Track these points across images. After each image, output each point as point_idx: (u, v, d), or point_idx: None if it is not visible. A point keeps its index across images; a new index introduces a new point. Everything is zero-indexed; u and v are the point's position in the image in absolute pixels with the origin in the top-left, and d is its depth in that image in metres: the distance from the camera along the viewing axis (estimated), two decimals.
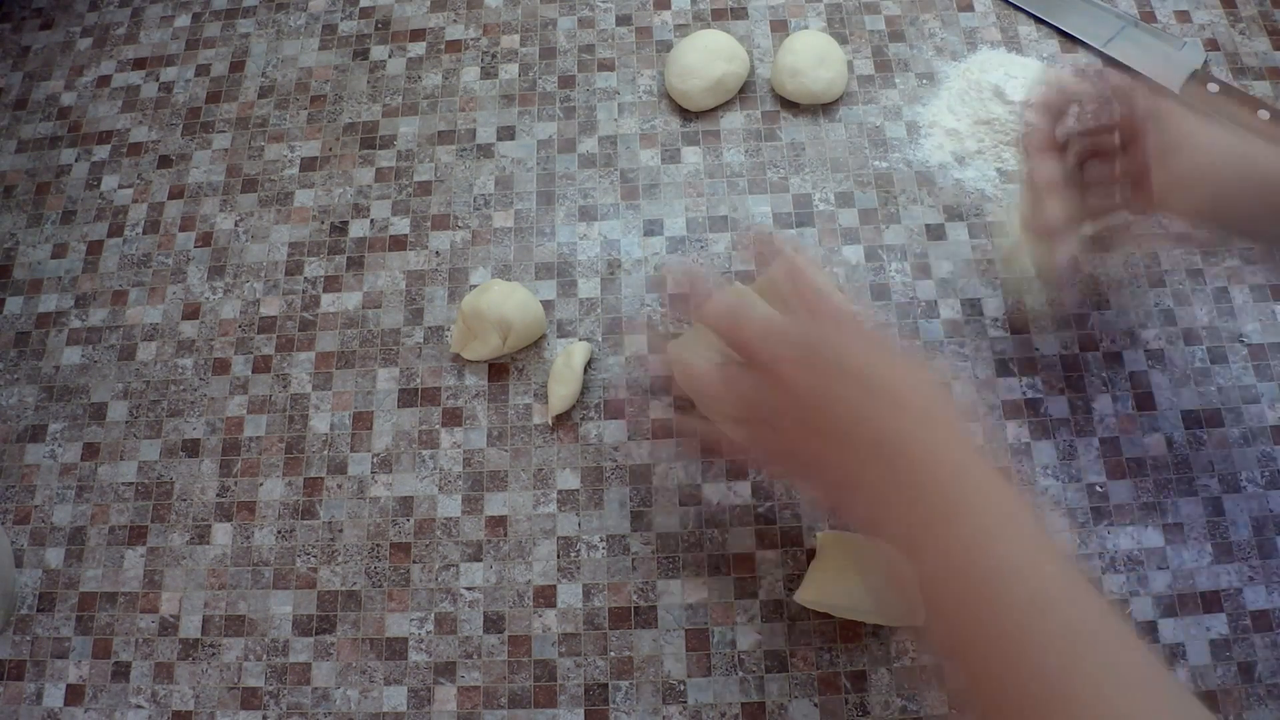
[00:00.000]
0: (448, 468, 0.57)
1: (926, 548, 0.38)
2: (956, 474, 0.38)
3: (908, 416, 0.40)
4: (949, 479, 0.38)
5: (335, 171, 0.66)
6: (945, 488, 0.38)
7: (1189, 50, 0.64)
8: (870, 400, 0.40)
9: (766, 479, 0.50)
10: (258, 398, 0.60)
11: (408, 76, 0.69)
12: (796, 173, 0.63)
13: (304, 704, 0.52)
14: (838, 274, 0.60)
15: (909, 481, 0.38)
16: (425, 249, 0.63)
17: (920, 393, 0.40)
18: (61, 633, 0.55)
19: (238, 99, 0.69)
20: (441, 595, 0.54)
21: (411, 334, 0.61)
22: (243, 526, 0.57)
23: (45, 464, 0.59)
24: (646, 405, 0.58)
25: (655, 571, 0.54)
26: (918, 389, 0.41)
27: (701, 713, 0.51)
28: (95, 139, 0.69)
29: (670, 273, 0.58)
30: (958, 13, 0.68)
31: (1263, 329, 0.57)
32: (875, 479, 0.40)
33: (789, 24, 0.68)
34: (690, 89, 0.64)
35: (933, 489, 0.38)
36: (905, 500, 0.39)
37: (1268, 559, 0.52)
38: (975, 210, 0.61)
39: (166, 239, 0.65)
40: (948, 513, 0.37)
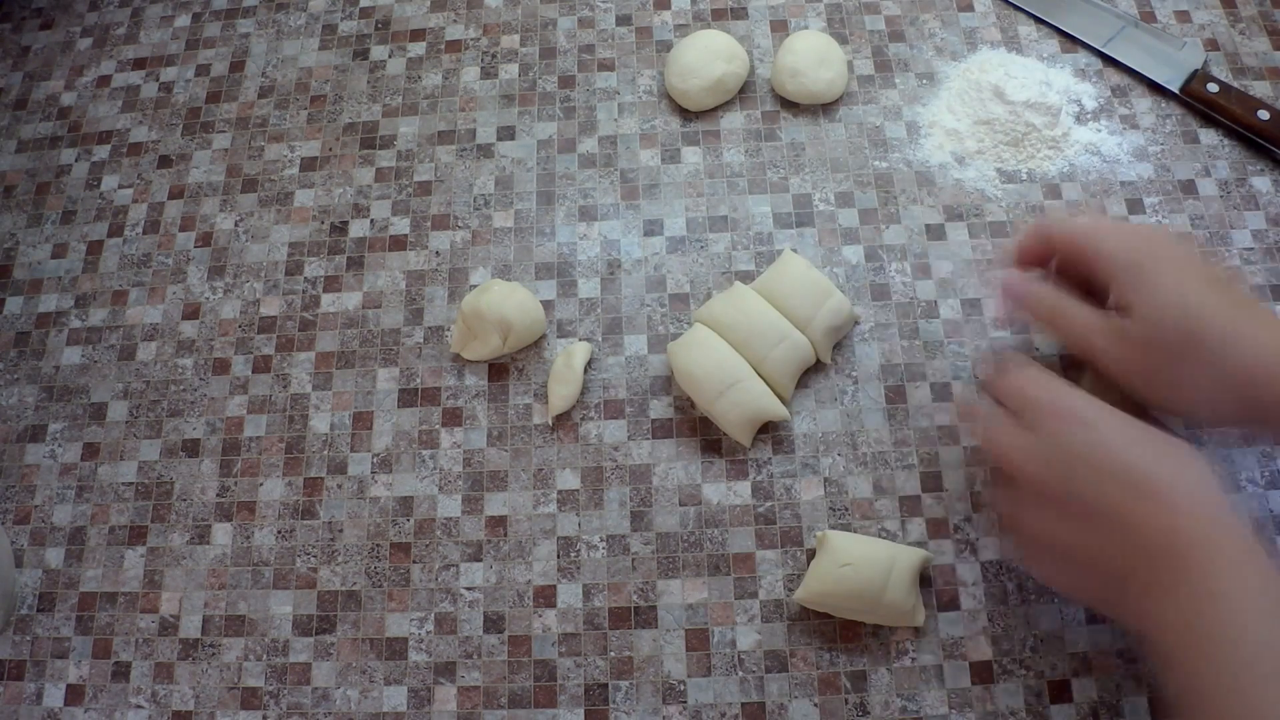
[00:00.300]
0: (448, 468, 0.57)
1: (1182, 637, 0.38)
2: (1226, 567, 0.38)
3: (1171, 512, 0.39)
4: (1216, 571, 0.38)
5: (335, 171, 0.66)
6: (1210, 581, 0.38)
7: (1189, 50, 0.64)
8: (1133, 498, 0.40)
9: (1021, 554, 0.49)
10: (258, 398, 0.60)
11: (408, 76, 0.69)
12: (796, 173, 0.63)
13: (304, 704, 0.53)
14: (838, 274, 0.60)
15: (1167, 572, 0.39)
16: (425, 249, 0.63)
17: (1184, 485, 0.40)
18: (61, 633, 0.55)
19: (238, 99, 0.69)
20: (441, 595, 0.54)
21: (411, 334, 0.61)
22: (243, 526, 0.57)
23: (45, 464, 0.59)
24: (646, 405, 0.58)
25: (655, 571, 0.54)
26: (1182, 481, 0.40)
27: (701, 713, 0.51)
28: (95, 139, 0.69)
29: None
30: (958, 13, 0.68)
31: None
32: (1143, 575, 0.40)
33: (789, 24, 0.68)
34: (690, 89, 0.64)
35: (1193, 579, 0.38)
36: (1172, 596, 0.38)
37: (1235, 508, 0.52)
38: (975, 210, 0.61)
39: (166, 239, 0.65)
40: (1205, 600, 0.37)
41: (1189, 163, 0.62)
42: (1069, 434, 0.43)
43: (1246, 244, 0.59)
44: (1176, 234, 0.59)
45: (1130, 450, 0.41)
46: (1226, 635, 0.36)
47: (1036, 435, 0.44)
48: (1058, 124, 0.62)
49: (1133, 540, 0.40)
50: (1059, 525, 0.43)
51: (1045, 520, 0.44)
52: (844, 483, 0.55)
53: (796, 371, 0.56)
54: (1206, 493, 0.40)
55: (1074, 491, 0.42)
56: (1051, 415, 0.44)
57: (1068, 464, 0.42)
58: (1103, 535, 0.41)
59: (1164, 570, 0.39)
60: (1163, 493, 0.40)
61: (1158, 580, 0.39)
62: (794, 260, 0.57)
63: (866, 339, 0.58)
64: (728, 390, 0.53)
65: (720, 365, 0.54)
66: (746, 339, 0.55)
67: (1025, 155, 0.62)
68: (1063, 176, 0.62)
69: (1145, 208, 0.60)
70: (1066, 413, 0.43)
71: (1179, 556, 0.38)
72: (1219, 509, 0.40)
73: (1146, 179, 0.61)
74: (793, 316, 0.55)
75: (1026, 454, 0.44)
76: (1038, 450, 0.44)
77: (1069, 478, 0.42)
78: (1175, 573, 0.38)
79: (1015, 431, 0.45)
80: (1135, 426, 0.43)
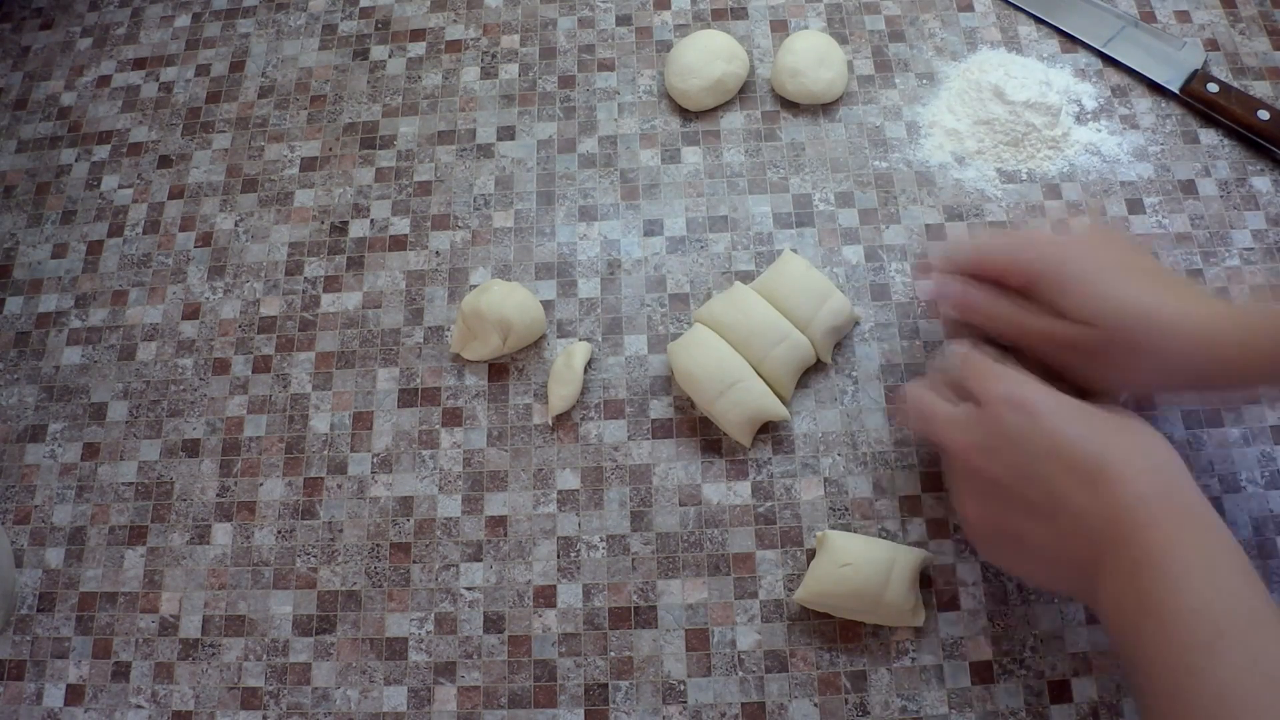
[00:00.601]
0: (448, 468, 0.57)
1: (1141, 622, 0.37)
2: (1166, 539, 0.38)
3: (1113, 493, 0.39)
4: (1156, 543, 0.38)
5: (335, 171, 0.66)
6: (1160, 563, 0.37)
7: (1189, 50, 0.64)
8: (1074, 482, 0.40)
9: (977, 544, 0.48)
10: (258, 398, 0.60)
11: (408, 76, 0.69)
12: (796, 173, 0.63)
13: (304, 704, 0.52)
14: (838, 274, 0.60)
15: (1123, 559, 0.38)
16: (425, 249, 0.63)
17: (1128, 462, 0.40)
18: (61, 633, 0.55)
19: (238, 99, 0.69)
20: (441, 595, 0.54)
21: (411, 334, 0.61)
22: (243, 526, 0.57)
23: (45, 464, 0.59)
24: (646, 405, 0.58)
25: (655, 571, 0.54)
26: (1125, 458, 0.40)
27: (701, 713, 0.51)
28: (95, 139, 0.69)
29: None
30: (958, 13, 0.68)
31: None
32: (1089, 556, 0.40)
33: (789, 24, 0.68)
34: (690, 89, 0.64)
35: (1149, 564, 0.38)
36: (1115, 573, 0.38)
37: (1268, 559, 0.52)
38: (975, 210, 0.61)
39: (166, 239, 0.65)
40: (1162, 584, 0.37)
41: (1189, 163, 0.62)
42: (1009, 420, 0.42)
43: (1246, 244, 0.59)
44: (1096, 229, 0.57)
45: (1070, 433, 0.41)
46: (1168, 610, 0.36)
47: (975, 418, 0.44)
48: (1058, 124, 0.62)
49: (1077, 523, 0.40)
50: (1006, 512, 0.43)
51: (993, 507, 0.44)
52: (844, 483, 0.55)
53: (796, 371, 0.56)
54: (1152, 470, 0.40)
55: (1017, 476, 0.42)
56: (998, 402, 0.43)
57: (1010, 451, 0.42)
58: (1048, 520, 0.41)
59: (1107, 550, 0.39)
60: (1105, 474, 0.40)
61: (1102, 560, 0.39)
62: (794, 260, 0.57)
63: (866, 339, 0.58)
64: (728, 390, 0.53)
65: (720, 365, 0.54)
66: (746, 339, 0.55)
67: (1025, 155, 0.62)
68: (1063, 176, 0.62)
69: (1145, 208, 0.60)
70: (1006, 398, 0.43)
71: (1121, 535, 0.38)
72: (1166, 484, 0.40)
73: (1146, 179, 0.61)
74: (793, 316, 0.55)
75: (968, 439, 0.44)
76: (979, 438, 0.44)
77: (1012, 465, 0.42)
78: (1117, 550, 0.38)
79: (954, 414, 0.45)
80: (1077, 406, 0.42)
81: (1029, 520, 0.42)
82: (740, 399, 0.53)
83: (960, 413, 0.45)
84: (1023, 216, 0.61)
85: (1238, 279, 0.58)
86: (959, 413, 0.45)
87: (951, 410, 0.46)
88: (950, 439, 0.45)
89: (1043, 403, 0.43)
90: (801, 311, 0.55)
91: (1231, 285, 0.58)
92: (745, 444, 0.55)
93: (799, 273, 0.56)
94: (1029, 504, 0.42)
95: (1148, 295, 0.44)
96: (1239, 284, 0.58)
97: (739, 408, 0.54)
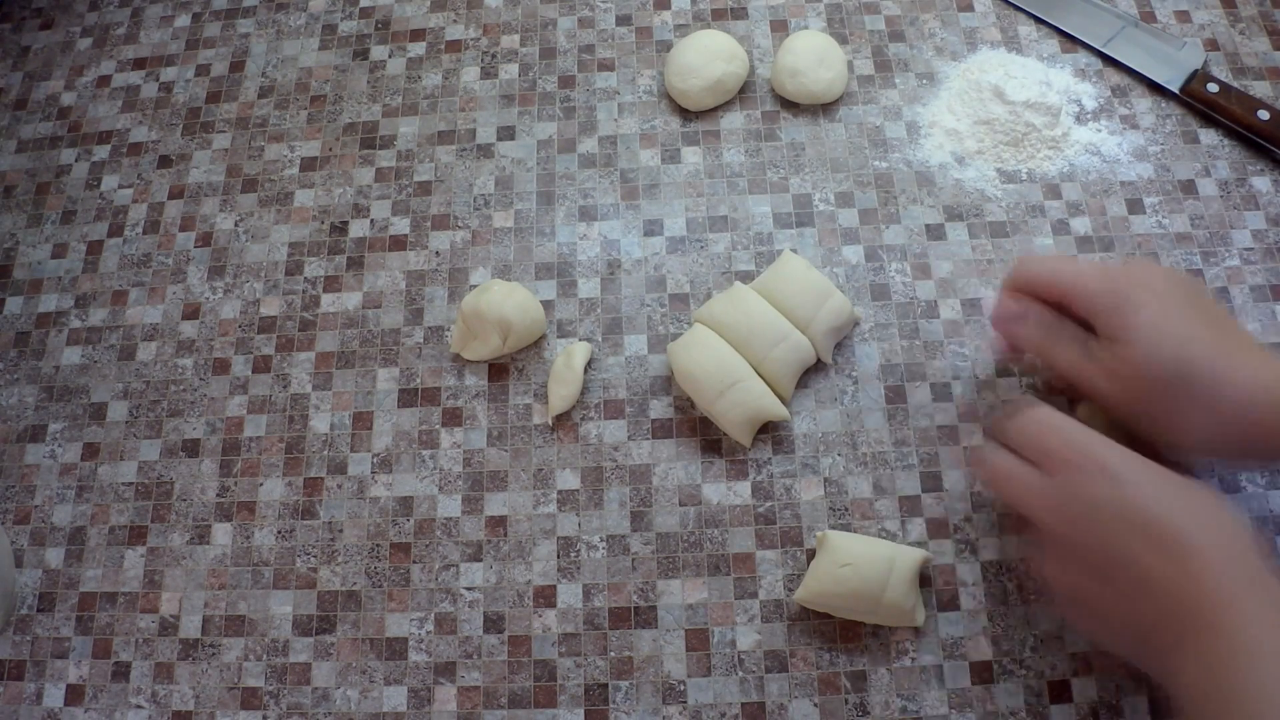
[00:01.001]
0: (448, 468, 0.57)
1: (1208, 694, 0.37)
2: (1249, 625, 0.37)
3: (1197, 570, 0.38)
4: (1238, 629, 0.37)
5: (335, 171, 0.66)
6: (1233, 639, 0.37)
7: (1189, 50, 0.64)
8: (1158, 554, 0.39)
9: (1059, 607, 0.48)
10: (258, 398, 0.60)
11: (408, 76, 0.69)
12: (796, 173, 0.63)
13: (304, 704, 0.53)
14: (838, 274, 0.60)
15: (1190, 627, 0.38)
16: (425, 249, 0.63)
17: (1211, 540, 0.39)
18: (61, 633, 0.55)
19: (238, 99, 0.69)
20: (441, 595, 0.54)
21: (411, 334, 0.61)
22: (243, 526, 0.57)
23: (45, 464, 0.59)
24: (646, 405, 0.58)
25: (655, 571, 0.54)
26: (1208, 536, 0.39)
27: (701, 713, 0.51)
28: (95, 139, 0.69)
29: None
30: (958, 13, 0.68)
31: (1263, 329, 0.57)
32: (1168, 632, 0.39)
33: (789, 24, 0.68)
34: (690, 89, 0.64)
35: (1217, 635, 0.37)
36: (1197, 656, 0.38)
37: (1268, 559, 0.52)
38: (975, 210, 0.61)
39: (166, 239, 0.65)
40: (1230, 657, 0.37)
41: (1189, 163, 0.62)
42: (1091, 485, 0.41)
43: (1246, 244, 0.59)
44: (1159, 265, 0.57)
45: (1157, 504, 0.40)
46: (1248, 694, 0.36)
47: (1055, 484, 0.43)
48: (1058, 124, 0.62)
49: (1158, 596, 0.39)
50: (1085, 577, 0.42)
51: (1071, 571, 0.43)
52: (844, 483, 0.55)
53: (797, 371, 0.56)
54: (1233, 547, 0.39)
55: (1098, 545, 0.41)
56: (1070, 463, 0.42)
57: (1091, 517, 0.41)
58: (1128, 589, 0.40)
59: (1188, 628, 0.38)
60: (1189, 549, 0.39)
61: (1182, 638, 0.38)
62: (794, 260, 0.57)
63: (866, 339, 0.58)
64: (728, 390, 0.53)
65: (720, 365, 0.54)
66: (746, 339, 0.55)
67: (1025, 155, 0.62)
68: (1063, 176, 0.62)
69: (1145, 208, 0.60)
70: (1087, 461, 0.42)
71: (1203, 615, 0.38)
72: (1246, 563, 0.39)
73: (1146, 179, 0.61)
74: (793, 317, 0.55)
75: (1047, 505, 0.43)
76: (1058, 501, 0.42)
77: (1093, 532, 0.41)
78: (1199, 631, 0.38)
79: (1032, 480, 0.44)
80: (1160, 475, 0.41)
81: (1099, 581, 0.41)
82: (740, 399, 0.53)
83: (1031, 473, 0.44)
84: (1023, 216, 0.61)
85: (1238, 279, 0.58)
86: (1029, 473, 0.44)
87: (1022, 470, 0.44)
88: (1031, 506, 0.44)
89: (1112, 461, 0.41)
90: (801, 311, 0.55)
91: (1231, 285, 0.58)
92: (745, 444, 0.55)
93: (799, 273, 0.56)
94: (1099, 565, 0.41)
95: (1215, 343, 0.44)
96: (1239, 284, 0.58)
97: (739, 408, 0.54)
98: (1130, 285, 0.46)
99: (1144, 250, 0.59)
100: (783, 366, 0.55)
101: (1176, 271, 0.55)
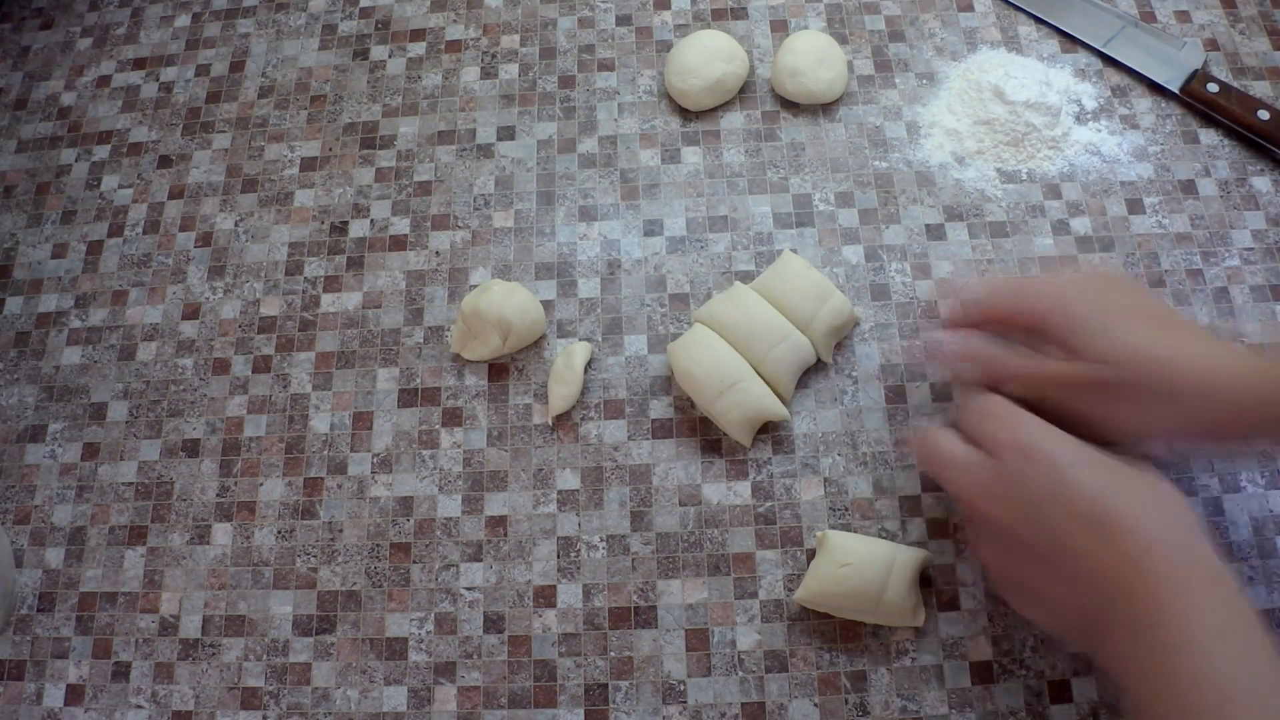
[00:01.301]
0: (448, 468, 0.57)
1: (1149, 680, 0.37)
2: (1184, 604, 0.37)
3: (1132, 551, 0.39)
4: (1173, 608, 0.37)
5: (335, 171, 0.66)
6: (1170, 621, 0.37)
7: (1189, 50, 0.64)
8: (1093, 538, 0.39)
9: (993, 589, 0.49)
10: (258, 398, 0.60)
11: (408, 76, 0.69)
12: (796, 173, 0.63)
13: (304, 704, 0.53)
14: (838, 274, 0.60)
15: (1132, 614, 0.38)
16: (425, 249, 0.63)
17: (1147, 520, 0.39)
18: (61, 633, 0.55)
19: (238, 99, 0.69)
20: (441, 595, 0.54)
21: (411, 334, 0.61)
22: (243, 526, 0.57)
23: (45, 464, 0.59)
24: (646, 405, 0.58)
25: (655, 571, 0.54)
26: (1145, 516, 0.39)
27: (701, 713, 0.51)
28: (95, 139, 0.69)
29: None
30: (958, 13, 0.68)
31: (1263, 329, 0.57)
32: (1106, 614, 0.39)
33: (789, 24, 0.68)
34: (690, 89, 0.64)
35: (1158, 623, 0.37)
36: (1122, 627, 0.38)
37: (1268, 559, 0.52)
38: (975, 210, 0.61)
39: (166, 239, 0.65)
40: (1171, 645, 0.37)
41: (1189, 163, 0.62)
42: (1029, 471, 0.42)
43: (1246, 244, 0.59)
44: (1096, 272, 0.57)
45: (1103, 493, 0.40)
46: (1194, 682, 0.36)
47: (996, 467, 0.43)
48: (1058, 124, 0.62)
49: (1101, 584, 0.39)
50: (1024, 562, 0.42)
51: (1011, 556, 0.43)
52: (844, 483, 0.55)
53: (797, 371, 0.56)
54: (1181, 536, 0.39)
55: (1038, 532, 0.41)
56: (1015, 449, 0.43)
57: (1029, 502, 0.41)
58: (1070, 576, 0.40)
59: (1124, 609, 0.38)
60: (1135, 539, 0.39)
61: (1118, 619, 0.39)
62: (793, 260, 0.57)
63: (866, 339, 0.58)
64: (728, 390, 0.53)
65: (720, 365, 0.54)
66: (746, 339, 0.55)
67: (1025, 155, 0.62)
68: (1063, 176, 0.62)
69: (1145, 208, 0.60)
70: (1026, 447, 0.42)
71: (1148, 603, 0.38)
72: (1192, 552, 0.39)
73: (1146, 179, 0.61)
74: (793, 317, 0.55)
75: (986, 489, 0.43)
76: (998, 485, 0.43)
77: (1022, 512, 0.42)
78: (1134, 612, 0.38)
79: (972, 462, 0.44)
80: (1106, 463, 0.42)
81: (1040, 568, 0.42)
82: (740, 399, 0.53)
83: (973, 457, 0.44)
84: (1023, 216, 0.61)
85: (1238, 279, 0.58)
86: (971, 457, 0.44)
87: (963, 454, 0.45)
88: (959, 484, 0.44)
89: (1057, 449, 0.42)
90: (801, 311, 0.55)
91: (1231, 285, 0.58)
92: (745, 444, 0.55)
93: (799, 273, 0.56)
94: (1039, 552, 0.41)
95: (1158, 338, 0.44)
96: (1239, 284, 0.58)
97: (739, 408, 0.54)
98: (1071, 288, 0.46)
99: (1144, 250, 0.59)
100: (783, 366, 0.55)
101: (1115, 275, 0.55)
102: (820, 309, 0.55)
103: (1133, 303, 0.46)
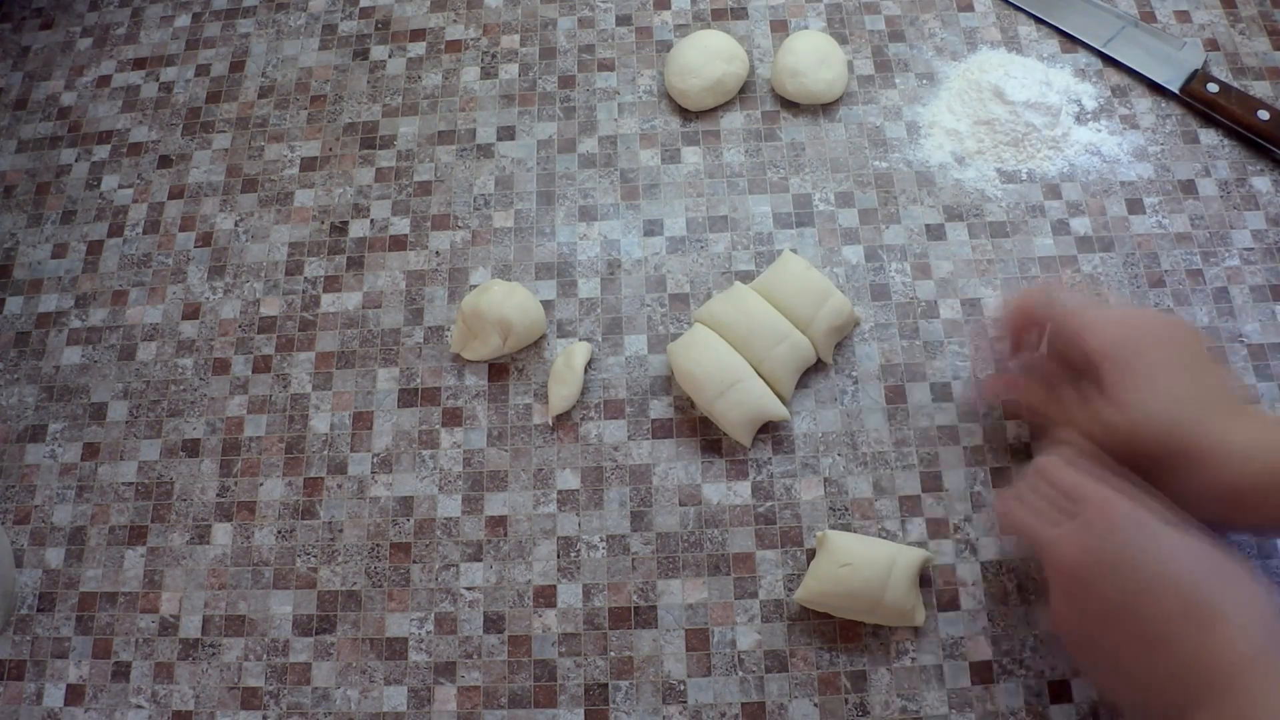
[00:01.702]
0: (448, 468, 0.57)
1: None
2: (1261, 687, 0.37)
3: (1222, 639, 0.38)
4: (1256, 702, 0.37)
5: (335, 171, 0.66)
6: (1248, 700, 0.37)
7: (1189, 50, 0.64)
8: (1188, 620, 0.39)
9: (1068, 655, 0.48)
10: (258, 398, 0.60)
11: (408, 76, 0.69)
12: (796, 173, 0.63)
13: (304, 704, 0.52)
14: (838, 274, 0.60)
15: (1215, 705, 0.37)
16: (425, 249, 0.63)
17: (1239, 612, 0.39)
18: (61, 633, 0.55)
19: (238, 99, 0.69)
20: (441, 595, 0.54)
21: (411, 334, 0.61)
22: (243, 526, 0.57)
23: (45, 464, 0.59)
24: (646, 405, 0.58)
25: (655, 571, 0.54)
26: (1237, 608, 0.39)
27: (701, 713, 0.51)
28: (95, 139, 0.69)
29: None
30: (958, 13, 0.68)
31: (1263, 329, 0.57)
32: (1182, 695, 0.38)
33: (789, 24, 0.68)
34: (690, 89, 0.64)
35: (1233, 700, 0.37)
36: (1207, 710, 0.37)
37: (1268, 559, 0.52)
38: (975, 210, 0.61)
39: (166, 239, 0.65)
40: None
41: (1189, 163, 0.62)
42: (1123, 537, 0.41)
43: (1246, 244, 0.59)
44: (1162, 314, 0.56)
45: (1190, 566, 0.40)
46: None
47: (1083, 528, 0.42)
48: (1058, 124, 0.62)
49: (1176, 655, 0.39)
50: (1105, 629, 0.41)
51: (1091, 621, 0.42)
52: (844, 483, 0.55)
53: (797, 371, 0.56)
54: (1259, 615, 0.39)
55: (1118, 595, 0.40)
56: (1104, 511, 0.42)
57: (1116, 567, 0.41)
58: (1146, 644, 0.40)
59: (1204, 689, 0.38)
60: (1215, 614, 0.38)
61: (1197, 698, 0.38)
62: (793, 260, 0.57)
63: (866, 339, 0.58)
64: (728, 390, 0.53)
65: (720, 365, 0.54)
66: (746, 339, 0.55)
67: (1025, 155, 0.62)
68: (1063, 176, 0.62)
69: (1145, 208, 0.60)
70: (1122, 514, 0.41)
71: (1221, 678, 0.37)
72: (1268, 631, 0.38)
73: (1146, 179, 0.61)
74: (793, 316, 0.55)
75: (1070, 548, 0.42)
76: (1084, 546, 0.42)
77: (1115, 582, 0.40)
78: (1219, 700, 0.37)
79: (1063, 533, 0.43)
80: (1194, 537, 0.41)
81: (1128, 644, 0.41)
82: (740, 399, 0.53)
83: (1069, 521, 0.43)
84: (1023, 216, 0.61)
85: (1238, 279, 0.58)
86: (1067, 521, 0.43)
87: (1057, 516, 0.44)
88: (1058, 553, 0.43)
89: (1161, 526, 0.41)
90: (801, 311, 0.55)
91: (1231, 285, 0.58)
92: (745, 444, 0.55)
93: (799, 273, 0.56)
94: (1128, 626, 0.40)
95: (1201, 403, 0.44)
96: (1239, 284, 0.58)
97: (739, 408, 0.54)
98: (1137, 345, 0.46)
99: (1144, 250, 0.59)
100: (783, 366, 0.55)
101: (1179, 322, 0.53)
102: (820, 309, 0.55)
103: (1184, 362, 0.46)
